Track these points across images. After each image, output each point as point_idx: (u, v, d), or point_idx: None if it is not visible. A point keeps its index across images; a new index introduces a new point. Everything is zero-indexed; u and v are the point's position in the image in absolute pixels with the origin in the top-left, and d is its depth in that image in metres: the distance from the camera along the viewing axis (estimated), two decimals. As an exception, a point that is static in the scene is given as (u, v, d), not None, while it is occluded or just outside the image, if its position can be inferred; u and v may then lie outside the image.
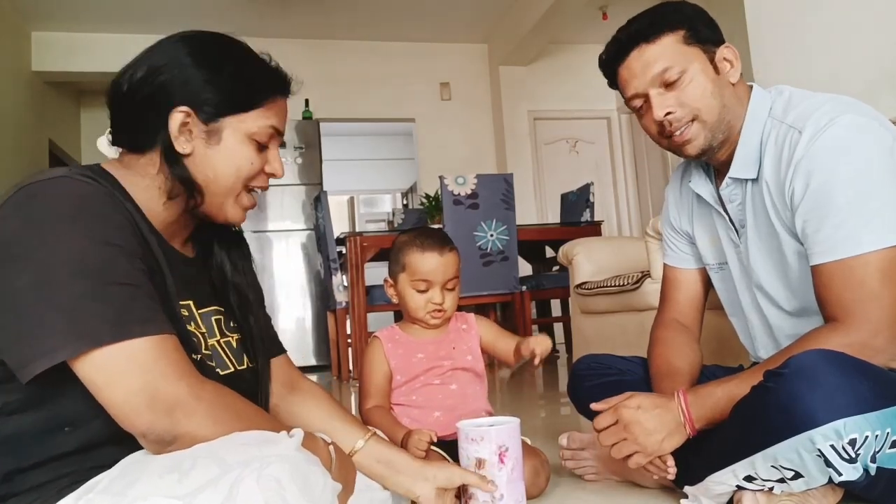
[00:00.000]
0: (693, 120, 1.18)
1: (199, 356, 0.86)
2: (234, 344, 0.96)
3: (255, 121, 0.88)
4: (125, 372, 0.71)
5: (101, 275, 0.72)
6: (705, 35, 1.19)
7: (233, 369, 0.93)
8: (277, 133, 0.92)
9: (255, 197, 0.94)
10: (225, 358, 0.93)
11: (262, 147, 0.91)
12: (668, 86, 1.17)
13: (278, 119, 0.92)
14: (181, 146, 0.85)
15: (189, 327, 0.87)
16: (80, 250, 0.72)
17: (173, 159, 0.86)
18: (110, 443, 0.76)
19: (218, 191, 0.88)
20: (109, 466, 0.75)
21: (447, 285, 1.40)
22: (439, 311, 1.39)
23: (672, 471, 1.13)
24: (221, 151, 0.87)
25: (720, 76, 1.18)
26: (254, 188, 0.93)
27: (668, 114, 1.17)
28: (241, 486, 0.63)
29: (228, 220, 0.92)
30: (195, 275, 0.95)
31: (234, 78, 0.88)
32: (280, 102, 0.93)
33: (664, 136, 1.21)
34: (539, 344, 1.32)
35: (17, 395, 0.75)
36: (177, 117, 0.85)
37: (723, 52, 1.19)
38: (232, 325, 0.98)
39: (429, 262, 1.38)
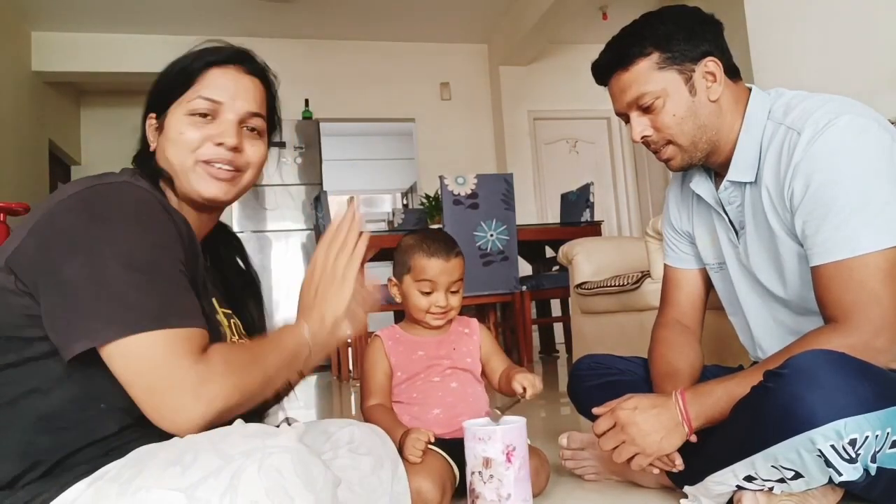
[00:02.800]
0: (668, 143, 1.21)
1: None
2: None
3: (189, 96, 0.97)
4: (151, 359, 0.76)
5: (148, 270, 0.80)
6: (682, 54, 1.18)
7: None
8: (211, 101, 0.96)
9: (218, 169, 0.96)
10: None
11: (204, 118, 0.96)
12: (645, 110, 1.20)
13: (210, 89, 0.96)
14: (151, 145, 1.00)
15: (218, 318, 0.97)
16: (132, 248, 0.80)
17: (145, 158, 1.00)
18: (141, 426, 0.79)
19: (177, 169, 0.96)
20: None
21: (451, 288, 1.42)
22: (443, 312, 1.42)
23: (679, 465, 1.13)
24: (166, 134, 0.97)
25: (697, 96, 1.19)
26: (210, 160, 0.96)
27: (644, 137, 1.22)
28: (242, 476, 0.64)
29: (203, 194, 0.96)
30: (213, 279, 1.04)
31: (174, 71, 0.99)
32: (214, 72, 0.98)
33: (650, 150, 1.26)
34: (532, 385, 1.34)
35: (55, 373, 0.79)
36: (149, 123, 1.00)
37: (703, 67, 1.18)
38: (242, 329, 1.05)
39: (434, 267, 1.40)
